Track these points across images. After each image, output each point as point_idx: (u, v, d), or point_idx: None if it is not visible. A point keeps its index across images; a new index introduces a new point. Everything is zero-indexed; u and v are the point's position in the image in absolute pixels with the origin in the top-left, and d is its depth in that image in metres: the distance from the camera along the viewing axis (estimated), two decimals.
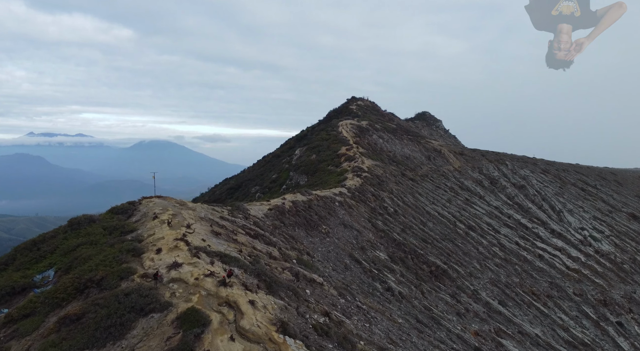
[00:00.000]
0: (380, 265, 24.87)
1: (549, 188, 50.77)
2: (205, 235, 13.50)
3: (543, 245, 39.86)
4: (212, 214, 16.79)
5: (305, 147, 48.91)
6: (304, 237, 22.71)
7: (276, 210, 23.49)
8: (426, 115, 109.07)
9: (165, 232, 12.62)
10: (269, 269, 12.87)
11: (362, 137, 50.54)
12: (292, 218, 23.76)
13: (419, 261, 29.04)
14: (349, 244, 25.35)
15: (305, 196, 28.17)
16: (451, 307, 24.61)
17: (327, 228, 25.25)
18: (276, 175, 48.83)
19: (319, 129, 57.52)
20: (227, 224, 16.24)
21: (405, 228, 33.46)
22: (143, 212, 15.09)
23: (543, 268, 36.48)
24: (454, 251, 33.48)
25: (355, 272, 22.28)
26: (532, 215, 45.51)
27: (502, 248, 37.14)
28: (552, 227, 43.56)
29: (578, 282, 36.38)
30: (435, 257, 30.85)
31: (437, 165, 54.24)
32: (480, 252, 35.40)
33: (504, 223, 42.32)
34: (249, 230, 16.99)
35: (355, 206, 32.42)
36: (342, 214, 29.26)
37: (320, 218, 26.02)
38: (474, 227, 38.95)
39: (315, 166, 43.80)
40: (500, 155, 60.23)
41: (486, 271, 32.85)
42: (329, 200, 30.14)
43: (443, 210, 40.41)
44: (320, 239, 23.54)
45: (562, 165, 62.44)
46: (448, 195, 45.06)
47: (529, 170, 55.15)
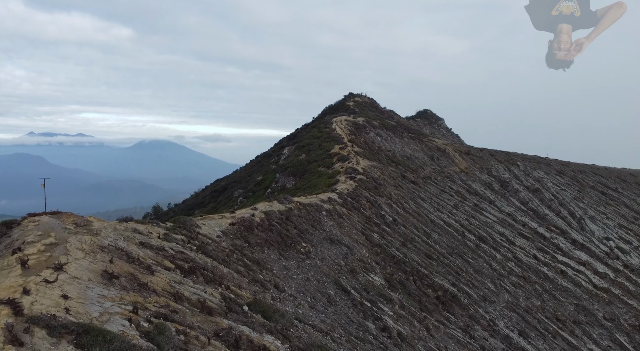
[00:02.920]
0: (375, 293, 19.70)
1: (567, 192, 45.57)
2: (86, 282, 8.43)
3: (565, 258, 34.67)
4: (127, 239, 11.79)
5: (294, 146, 43.79)
6: (275, 260, 17.55)
7: (240, 226, 18.32)
8: (428, 113, 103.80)
9: (5, 282, 7.73)
10: (181, 344, 7.79)
11: (358, 135, 45.40)
12: (262, 235, 18.60)
13: (423, 284, 23.86)
14: (336, 266, 20.18)
15: (283, 204, 23.01)
16: (464, 348, 19.45)
17: (309, 247, 20.08)
18: (261, 176, 43.75)
19: (312, 126, 52.42)
20: (147, 255, 11.21)
21: (406, 241, 28.30)
22: (13, 238, 10.15)
23: (567, 287, 31.29)
24: (464, 268, 28.32)
25: (341, 307, 17.13)
26: (549, 222, 40.32)
27: (518, 263, 31.98)
28: (573, 237, 38.37)
29: (608, 304, 31.20)
30: (442, 277, 25.69)
31: (441, 165, 49.08)
32: (494, 268, 30.24)
33: (518, 233, 37.14)
34: (182, 262, 11.94)
35: (346, 215, 27.27)
36: (329, 226, 24.09)
37: (300, 234, 20.86)
38: (485, 238, 33.80)
39: (304, 167, 38.70)
40: (511, 154, 55.03)
41: (502, 293, 27.68)
42: (315, 209, 24.98)
43: (449, 218, 35.26)
44: (297, 262, 18.37)
45: (577, 165, 57.21)
46: (454, 200, 39.90)
47: (543, 171, 49.95)
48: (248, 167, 65.26)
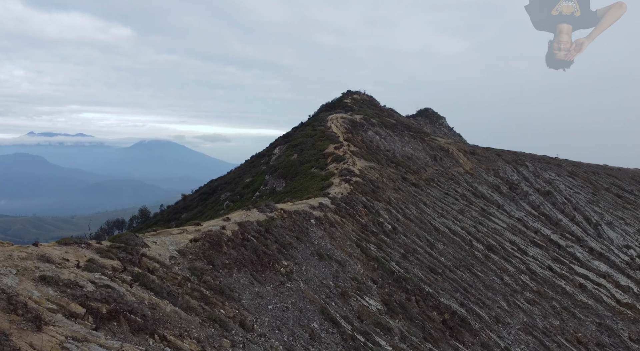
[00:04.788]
0: (371, 322, 16.38)
1: (581, 195, 42.21)
2: None
3: (583, 270, 31.33)
4: (22, 273, 8.60)
5: (286, 145, 40.47)
6: (247, 286, 14.22)
7: (205, 242, 14.99)
8: (429, 111, 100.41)
9: None
10: None
11: (355, 133, 42.07)
12: (232, 254, 15.27)
13: (427, 305, 20.54)
14: (324, 289, 16.86)
15: (263, 213, 19.70)
16: None
17: (291, 265, 16.75)
18: (250, 178, 40.42)
19: (305, 124, 49.08)
20: (45, 296, 8.00)
21: (407, 252, 24.99)
22: None
23: (587, 303, 27.96)
24: (473, 284, 25.00)
25: (327, 345, 13.82)
26: (563, 229, 36.98)
27: (533, 277, 28.64)
28: (591, 245, 35.03)
29: (633, 322, 27.87)
30: (449, 296, 22.37)
31: (444, 166, 45.76)
32: (506, 282, 26.92)
33: (530, 241, 33.80)
34: (100, 303, 8.70)
35: (339, 223, 23.96)
36: (318, 238, 20.78)
37: (281, 249, 17.54)
38: (495, 248, 30.47)
39: (295, 168, 35.39)
40: (519, 154, 51.68)
41: (517, 313, 24.36)
42: (302, 218, 21.66)
43: (455, 224, 31.94)
44: (275, 287, 15.05)
45: (589, 166, 53.83)
46: (460, 204, 36.58)
47: (554, 172, 46.59)
48: (242, 167, 61.90)
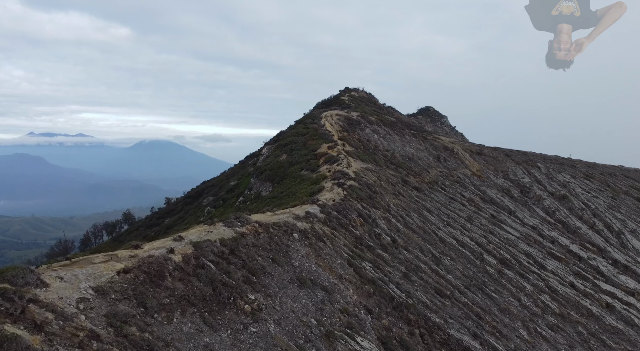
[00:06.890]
0: None
1: (600, 199, 38.40)
2: None
3: (609, 286, 27.53)
4: None
5: (275, 145, 36.71)
6: (191, 336, 10.43)
7: (140, 273, 11.21)
8: (430, 110, 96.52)
9: None
10: None
11: (351, 132, 38.31)
12: (176, 288, 11.49)
13: (434, 341, 16.77)
14: (302, 330, 13.07)
15: (231, 228, 15.93)
16: None
17: (259, 300, 12.97)
18: (235, 181, 36.66)
19: (299, 122, 45.31)
20: None
21: (409, 270, 21.22)
22: None
23: (617, 327, 24.15)
24: (487, 308, 21.21)
25: None
26: (583, 238, 33.18)
27: (554, 296, 24.84)
28: (614, 256, 31.23)
29: None
30: (460, 325, 18.59)
31: (449, 168, 41.98)
32: (523, 304, 23.12)
33: (548, 252, 30.01)
34: None
35: (329, 237, 20.18)
36: (300, 257, 16.99)
37: (249, 278, 13.74)
38: (509, 262, 26.69)
39: (284, 170, 31.64)
40: (529, 154, 47.89)
41: (539, 343, 20.56)
42: (282, 232, 17.86)
43: (463, 235, 28.17)
44: (233, 334, 11.26)
45: (605, 167, 50.00)
46: (467, 210, 32.80)
47: (569, 174, 42.77)
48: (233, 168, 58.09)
